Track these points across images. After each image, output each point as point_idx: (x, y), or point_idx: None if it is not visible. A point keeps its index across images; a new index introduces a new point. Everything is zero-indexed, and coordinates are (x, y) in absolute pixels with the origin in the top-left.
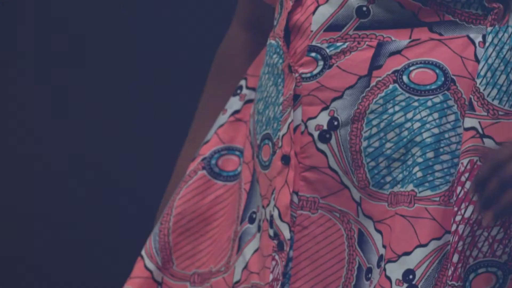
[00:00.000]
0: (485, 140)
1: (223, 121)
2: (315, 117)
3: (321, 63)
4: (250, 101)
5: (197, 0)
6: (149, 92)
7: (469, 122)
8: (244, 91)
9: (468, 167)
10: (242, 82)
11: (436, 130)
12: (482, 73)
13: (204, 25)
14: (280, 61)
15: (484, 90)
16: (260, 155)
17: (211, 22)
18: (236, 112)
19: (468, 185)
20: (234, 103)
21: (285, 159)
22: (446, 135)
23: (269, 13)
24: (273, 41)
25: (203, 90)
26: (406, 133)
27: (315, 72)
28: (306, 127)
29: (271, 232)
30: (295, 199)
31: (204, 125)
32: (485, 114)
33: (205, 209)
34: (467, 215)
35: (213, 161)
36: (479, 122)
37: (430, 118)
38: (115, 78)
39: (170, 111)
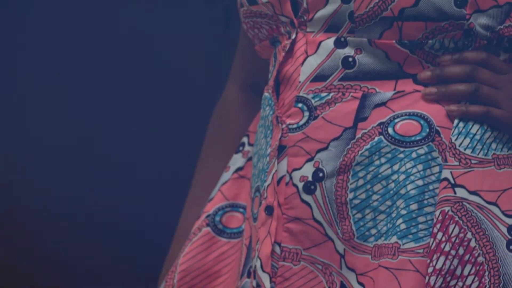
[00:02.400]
0: (456, 189)
1: (227, 178)
2: (299, 168)
3: (306, 114)
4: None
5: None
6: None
7: (443, 173)
8: (247, 148)
9: (440, 218)
10: (245, 139)
11: (420, 182)
12: (455, 124)
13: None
14: (271, 113)
15: (455, 140)
16: (252, 208)
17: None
18: (239, 169)
19: (440, 235)
20: (237, 160)
21: (269, 210)
22: (431, 187)
23: (265, 71)
24: (266, 94)
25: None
26: (392, 185)
27: (301, 123)
28: (291, 178)
29: (254, 283)
30: (277, 250)
31: (203, 184)
32: (457, 163)
33: (210, 265)
34: (438, 266)
35: (217, 218)
36: (451, 172)
37: (414, 170)
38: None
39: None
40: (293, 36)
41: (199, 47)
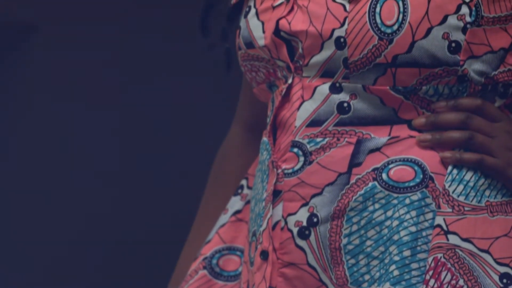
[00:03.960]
0: (449, 236)
1: (224, 221)
2: (294, 213)
3: (302, 159)
4: None
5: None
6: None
7: (436, 219)
8: (245, 191)
9: (432, 264)
10: (243, 182)
11: (413, 228)
12: (448, 171)
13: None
14: (268, 157)
15: (449, 186)
16: (249, 252)
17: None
18: (238, 212)
19: (432, 282)
20: (236, 203)
21: (264, 254)
22: (424, 233)
23: (264, 114)
24: (264, 138)
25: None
26: (386, 231)
27: (296, 168)
28: (286, 223)
29: None
30: None
31: (204, 225)
32: (450, 210)
33: None
34: None
35: (214, 261)
36: (444, 219)
37: (407, 216)
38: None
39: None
40: (290, 81)
41: (203, 88)
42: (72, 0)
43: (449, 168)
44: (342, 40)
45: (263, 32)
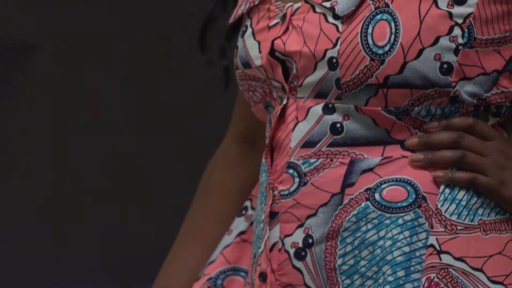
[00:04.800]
0: (442, 256)
1: (229, 241)
2: (291, 235)
3: (297, 180)
4: None
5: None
6: None
7: (429, 239)
8: (250, 211)
9: (426, 284)
10: (247, 203)
11: (406, 249)
12: (441, 190)
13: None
14: (266, 179)
15: (441, 206)
16: (252, 274)
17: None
18: (242, 233)
19: None
20: (240, 223)
21: (262, 276)
22: (417, 253)
23: (262, 126)
24: (263, 160)
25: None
26: (379, 251)
27: (292, 189)
28: (283, 244)
29: None
30: None
31: (185, 244)
32: (443, 230)
33: None
34: None
35: (218, 282)
36: (436, 239)
37: (401, 236)
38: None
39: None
40: (284, 102)
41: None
42: (72, 19)
43: (442, 187)
44: (334, 60)
45: (259, 52)
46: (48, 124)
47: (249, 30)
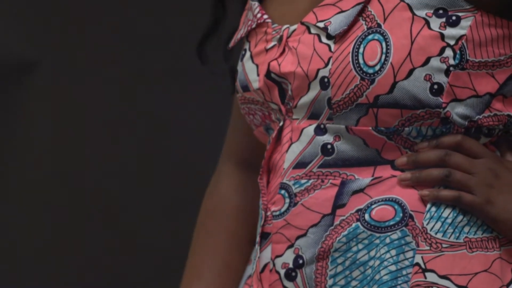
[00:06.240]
0: (427, 274)
1: (252, 271)
2: (281, 255)
3: (287, 200)
4: None
5: None
6: None
7: (416, 258)
8: None
9: None
10: None
11: (393, 267)
12: (427, 208)
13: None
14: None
15: (427, 224)
16: None
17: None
18: None
19: None
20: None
21: None
22: (404, 272)
23: (260, 148)
24: (258, 181)
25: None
26: (369, 271)
27: (283, 209)
28: (274, 265)
29: None
30: None
31: (192, 276)
32: (428, 248)
33: None
34: None
35: None
36: (422, 257)
37: (388, 255)
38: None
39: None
40: (281, 123)
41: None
42: (73, 36)
43: (428, 205)
44: (326, 80)
45: (257, 75)
46: (49, 141)
47: (248, 54)
